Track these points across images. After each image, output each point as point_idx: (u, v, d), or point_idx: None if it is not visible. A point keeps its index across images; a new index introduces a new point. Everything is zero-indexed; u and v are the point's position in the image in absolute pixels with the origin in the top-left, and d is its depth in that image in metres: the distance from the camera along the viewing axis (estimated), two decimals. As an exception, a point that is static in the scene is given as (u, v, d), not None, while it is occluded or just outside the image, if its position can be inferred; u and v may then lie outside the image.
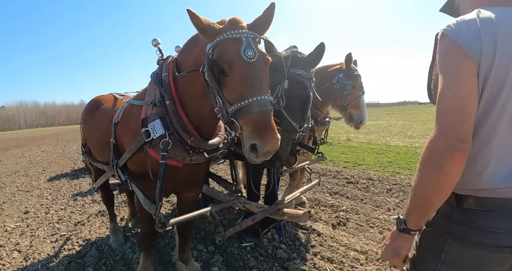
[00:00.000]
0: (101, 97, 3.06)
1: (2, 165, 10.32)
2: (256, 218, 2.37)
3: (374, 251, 2.96)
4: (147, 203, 1.88)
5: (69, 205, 5.04)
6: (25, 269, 3.08)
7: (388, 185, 5.06)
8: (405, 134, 12.17)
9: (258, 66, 1.46)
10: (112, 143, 2.25)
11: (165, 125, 1.80)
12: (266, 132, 1.38)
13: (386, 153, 8.03)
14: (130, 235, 3.56)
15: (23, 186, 6.78)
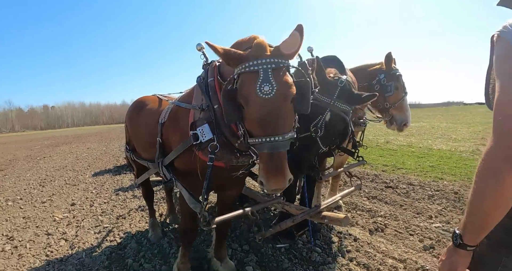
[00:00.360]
0: (146, 98, 3.18)
1: (52, 160, 11.10)
2: (296, 219, 2.36)
3: (414, 260, 2.82)
4: (192, 201, 1.95)
5: (112, 199, 5.32)
6: (70, 257, 3.29)
7: (430, 191, 4.80)
8: (449, 137, 11.48)
9: (275, 103, 1.38)
10: (159, 142, 2.35)
11: (213, 129, 1.84)
12: (273, 175, 1.39)
13: (428, 157, 7.63)
14: (168, 230, 3.68)
15: (70, 180, 7.25)
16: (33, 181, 7.38)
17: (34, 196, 5.93)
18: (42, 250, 3.50)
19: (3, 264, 3.24)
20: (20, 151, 15.63)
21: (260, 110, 1.38)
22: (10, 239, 3.86)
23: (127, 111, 3.32)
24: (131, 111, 3.19)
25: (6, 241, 3.81)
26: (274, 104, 1.38)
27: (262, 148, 1.41)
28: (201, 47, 2.08)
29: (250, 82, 1.39)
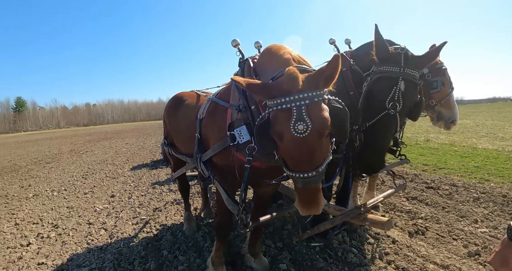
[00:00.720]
0: (184, 93, 3.24)
1: (94, 154, 11.70)
2: (335, 221, 2.27)
3: (457, 267, 2.63)
4: (230, 203, 1.96)
5: (149, 192, 5.50)
6: (109, 245, 3.44)
7: (475, 193, 4.48)
8: (495, 136, 10.68)
9: (310, 141, 1.31)
10: (197, 137, 2.36)
11: (251, 131, 1.80)
12: (306, 206, 1.42)
13: (472, 157, 7.15)
14: (202, 225, 3.72)
15: (110, 173, 7.59)
16: (76, 174, 7.81)
17: (77, 188, 6.28)
18: (83, 238, 3.68)
19: (48, 249, 3.44)
20: (65, 145, 16.65)
21: (294, 149, 1.34)
22: (55, 226, 4.11)
23: (166, 106, 3.39)
24: (170, 107, 3.26)
25: (51, 228, 4.06)
26: (309, 142, 1.31)
27: (296, 182, 1.41)
28: (236, 43, 2.01)
29: (283, 120, 1.32)
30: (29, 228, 4.13)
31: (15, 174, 8.42)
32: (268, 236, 3.28)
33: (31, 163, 10.37)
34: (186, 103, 2.95)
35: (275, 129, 1.36)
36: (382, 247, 3.01)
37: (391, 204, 4.15)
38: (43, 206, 5.14)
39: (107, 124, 67.90)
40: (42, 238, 3.76)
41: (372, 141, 2.10)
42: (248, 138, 1.81)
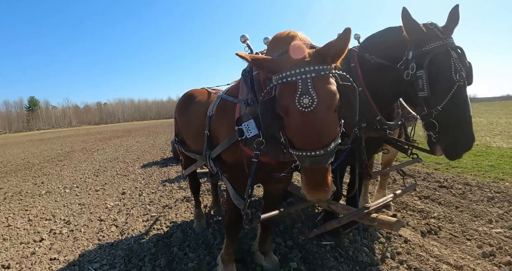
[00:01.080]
0: (194, 91, 3.24)
1: (105, 152, 11.85)
2: (342, 220, 2.24)
3: (471, 268, 2.57)
4: (237, 197, 1.93)
5: (159, 190, 5.54)
6: (120, 242, 3.47)
7: (489, 192, 4.38)
8: (509, 134, 10.44)
9: (316, 115, 1.25)
10: (207, 134, 2.36)
11: (259, 125, 1.76)
12: (314, 189, 1.34)
13: (486, 155, 7.01)
14: (212, 222, 3.73)
15: (121, 171, 7.68)
16: (88, 171, 7.92)
17: (89, 185, 6.37)
18: (95, 234, 3.72)
19: (60, 245, 3.49)
20: (76, 144, 16.92)
21: (300, 124, 1.27)
22: (67, 223, 4.17)
23: (177, 104, 3.41)
24: (181, 104, 3.27)
25: (64, 224, 4.12)
26: (316, 117, 1.25)
27: (302, 161, 1.33)
28: (245, 39, 1.99)
29: (288, 94, 1.27)
30: (42, 224, 4.20)
31: (29, 172, 8.58)
32: (278, 234, 3.26)
33: (44, 161, 10.56)
34: (196, 101, 2.95)
35: (281, 104, 1.30)
36: (394, 246, 2.96)
37: (403, 203, 4.08)
38: (55, 202, 5.22)
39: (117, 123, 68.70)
40: (54, 234, 3.82)
41: (456, 118, 1.92)
42: (256, 132, 1.78)
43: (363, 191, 3.73)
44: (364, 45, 2.43)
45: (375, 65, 2.23)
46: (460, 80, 1.83)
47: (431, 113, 1.93)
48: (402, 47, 2.04)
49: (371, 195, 4.25)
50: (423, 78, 1.88)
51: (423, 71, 1.87)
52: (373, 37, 2.39)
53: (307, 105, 1.22)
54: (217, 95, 2.44)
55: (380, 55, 2.19)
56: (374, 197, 4.07)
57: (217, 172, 2.20)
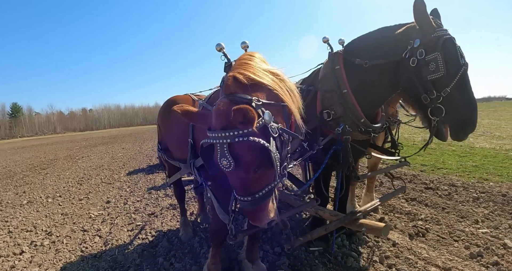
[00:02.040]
0: (177, 97, 3.17)
1: (90, 159, 11.60)
2: (329, 227, 2.21)
3: (460, 269, 2.58)
4: (221, 212, 1.91)
5: (144, 198, 5.42)
6: (104, 253, 3.36)
7: (474, 193, 4.44)
8: (492, 135, 10.70)
9: (238, 174, 1.35)
10: (190, 143, 2.30)
11: None
12: (255, 221, 1.45)
13: (470, 156, 7.14)
14: (199, 230, 3.65)
15: (106, 179, 7.51)
16: (72, 179, 7.72)
17: (72, 194, 6.19)
18: (77, 245, 3.60)
19: (41, 258, 3.37)
20: (60, 151, 16.53)
21: (229, 177, 1.40)
22: (48, 234, 4.03)
23: (159, 111, 3.33)
24: (163, 112, 3.20)
25: (45, 236, 3.98)
26: (237, 175, 1.36)
27: (241, 204, 1.42)
28: (220, 48, 1.90)
29: (212, 152, 1.38)
30: (23, 236, 4.05)
31: (10, 181, 8.31)
32: (266, 241, 3.21)
33: (26, 169, 10.26)
34: None
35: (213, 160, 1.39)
36: (383, 250, 2.95)
37: (390, 205, 4.10)
38: (37, 213, 5.05)
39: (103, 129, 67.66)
40: (35, 246, 3.68)
41: (463, 99, 1.97)
42: None
43: (350, 195, 3.71)
44: (352, 48, 2.44)
45: (364, 68, 2.25)
46: (465, 64, 1.93)
47: (439, 96, 1.98)
48: (401, 42, 2.09)
49: (358, 199, 4.25)
50: (438, 59, 1.92)
51: (438, 52, 1.92)
52: (362, 39, 2.41)
53: (227, 166, 1.31)
54: (199, 102, 2.40)
55: (373, 56, 2.22)
56: (362, 201, 4.07)
57: (201, 182, 2.15)
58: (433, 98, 2.00)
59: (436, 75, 1.95)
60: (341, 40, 2.61)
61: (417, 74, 2.03)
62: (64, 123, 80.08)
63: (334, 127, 2.36)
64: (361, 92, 2.31)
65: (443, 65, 1.92)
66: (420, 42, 1.98)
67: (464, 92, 1.96)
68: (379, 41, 2.25)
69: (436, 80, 1.97)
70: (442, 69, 1.93)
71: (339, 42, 2.63)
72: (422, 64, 1.98)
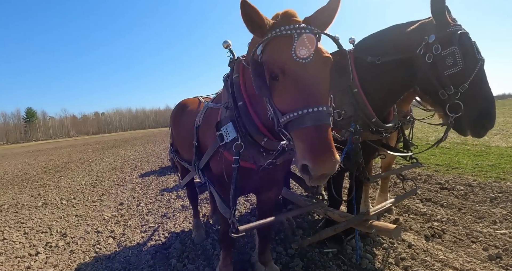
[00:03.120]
0: (187, 100, 3.24)
1: (103, 162, 11.75)
2: (339, 228, 2.19)
3: (478, 271, 2.51)
4: (223, 207, 1.90)
5: (157, 199, 5.45)
6: (117, 254, 3.38)
7: (492, 193, 4.33)
8: (508, 133, 10.42)
9: (314, 69, 1.22)
10: (195, 145, 2.33)
11: (237, 128, 1.75)
12: (321, 153, 1.14)
13: (486, 155, 6.96)
14: (211, 232, 3.65)
15: (118, 181, 7.59)
16: (85, 182, 7.83)
17: (86, 196, 6.27)
18: (91, 247, 3.64)
19: (56, 259, 3.41)
20: (74, 154, 16.79)
21: (299, 76, 1.22)
22: (63, 235, 4.08)
23: (171, 113, 3.42)
24: (174, 114, 3.27)
25: (60, 237, 4.03)
26: (314, 70, 1.23)
27: (303, 122, 1.18)
28: (227, 45, 1.98)
29: (283, 48, 1.25)
30: (38, 237, 4.11)
31: (25, 183, 8.47)
32: (279, 243, 3.18)
33: (41, 172, 10.45)
34: (188, 111, 2.94)
35: (275, 58, 1.27)
36: (398, 252, 2.89)
37: (405, 206, 4.02)
38: (52, 214, 5.13)
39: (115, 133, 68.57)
40: (50, 247, 3.73)
41: (482, 94, 1.95)
42: (234, 135, 1.75)
43: (364, 196, 3.66)
44: (363, 46, 2.42)
45: (377, 66, 2.23)
46: (481, 58, 1.91)
47: (457, 92, 1.94)
48: (415, 38, 2.07)
49: (372, 200, 4.18)
50: (456, 53, 1.89)
51: (456, 46, 1.89)
52: (373, 37, 2.40)
53: (305, 56, 1.21)
54: (204, 104, 2.41)
55: (386, 53, 2.20)
56: (376, 201, 4.01)
57: (205, 182, 2.16)
58: (451, 94, 1.96)
59: (454, 69, 1.91)
60: (352, 39, 2.59)
61: (434, 69, 1.98)
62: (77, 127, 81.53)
63: (345, 127, 2.34)
64: (372, 91, 2.29)
65: (461, 59, 1.88)
66: (435, 38, 1.95)
67: (482, 88, 1.93)
68: (392, 38, 2.23)
69: (453, 75, 1.93)
70: (460, 64, 1.89)
71: (350, 41, 2.61)
72: (439, 59, 1.94)
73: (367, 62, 2.28)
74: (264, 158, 1.80)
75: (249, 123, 1.73)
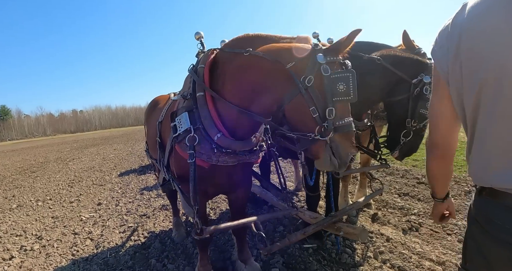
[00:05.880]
0: (160, 97, 3.18)
1: (81, 161, 11.44)
2: (308, 231, 2.20)
3: (453, 263, 2.58)
4: (186, 206, 1.82)
5: (136, 199, 5.35)
6: (95, 256, 3.30)
7: (466, 186, 4.47)
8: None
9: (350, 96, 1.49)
10: (158, 141, 2.26)
11: (192, 119, 1.70)
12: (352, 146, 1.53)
13: (461, 150, 7.14)
14: (192, 230, 3.60)
15: (97, 180, 7.41)
16: (62, 182, 7.60)
17: (63, 196, 6.09)
18: (68, 249, 3.53)
19: (32, 263, 3.30)
20: (51, 153, 16.27)
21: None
22: (38, 238, 3.95)
23: (145, 111, 3.33)
24: (147, 111, 3.23)
25: (35, 240, 3.90)
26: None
27: (344, 128, 1.48)
28: (199, 36, 2.01)
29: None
30: (12, 241, 3.96)
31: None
32: (260, 240, 3.18)
33: (16, 173, 10.07)
34: (158, 107, 2.87)
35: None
36: (377, 245, 2.95)
37: (383, 201, 4.11)
38: (27, 217, 4.95)
39: (95, 131, 66.84)
40: (25, 251, 3.60)
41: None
42: (187, 125, 1.70)
43: (343, 191, 3.71)
44: None
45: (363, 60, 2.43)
46: None
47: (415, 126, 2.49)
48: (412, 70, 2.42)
49: (351, 195, 4.25)
50: None
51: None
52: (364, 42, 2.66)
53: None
54: (171, 99, 2.35)
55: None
56: (355, 197, 4.07)
57: (169, 179, 2.08)
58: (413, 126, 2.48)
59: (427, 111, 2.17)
60: (330, 39, 2.60)
61: (414, 103, 2.40)
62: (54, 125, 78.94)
63: None
64: None
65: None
66: (429, 81, 2.24)
67: None
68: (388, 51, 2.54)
69: (423, 115, 2.40)
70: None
71: (328, 41, 2.62)
72: (422, 99, 2.32)
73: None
74: (216, 156, 1.74)
75: (204, 116, 1.69)
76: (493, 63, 0.82)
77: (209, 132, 1.69)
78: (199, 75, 1.76)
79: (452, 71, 0.95)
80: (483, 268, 1.01)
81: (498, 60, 0.81)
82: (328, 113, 1.42)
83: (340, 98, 1.42)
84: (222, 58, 1.77)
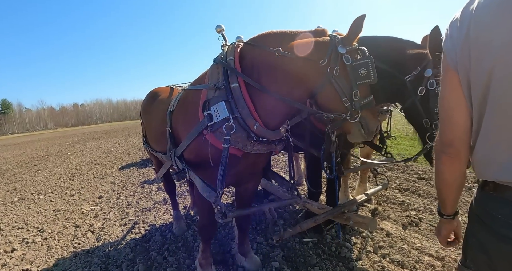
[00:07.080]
0: (159, 89, 3.14)
1: (82, 155, 11.46)
2: (318, 219, 2.22)
3: (453, 258, 2.59)
4: (207, 190, 1.83)
5: (137, 192, 5.38)
6: (96, 249, 3.32)
7: (467, 182, 4.47)
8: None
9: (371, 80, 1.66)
10: (168, 131, 2.25)
11: (229, 108, 1.73)
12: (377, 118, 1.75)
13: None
14: (192, 223, 3.63)
15: (98, 174, 7.43)
16: (64, 175, 7.62)
17: (64, 190, 6.12)
18: (70, 242, 3.56)
19: (33, 255, 3.32)
20: (52, 147, 16.29)
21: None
22: (40, 231, 3.97)
23: (142, 103, 3.31)
24: (145, 103, 3.17)
25: (37, 233, 3.92)
26: None
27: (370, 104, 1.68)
28: (220, 29, 2.02)
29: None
30: (14, 233, 3.98)
31: (1, 178, 8.17)
32: (260, 233, 3.20)
33: (17, 166, 10.10)
34: (159, 99, 2.85)
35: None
36: (376, 240, 2.96)
37: (383, 196, 4.11)
38: (28, 210, 4.98)
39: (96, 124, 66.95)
40: (27, 244, 3.63)
41: None
42: (226, 115, 1.72)
43: (343, 186, 3.72)
44: None
45: None
46: None
47: None
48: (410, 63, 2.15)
49: (352, 190, 4.26)
50: None
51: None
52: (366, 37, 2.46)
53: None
54: (180, 90, 2.38)
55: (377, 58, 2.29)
56: (355, 192, 4.08)
57: (183, 168, 2.06)
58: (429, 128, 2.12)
59: None
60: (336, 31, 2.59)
61: (424, 103, 2.10)
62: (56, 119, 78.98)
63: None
64: None
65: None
66: (432, 73, 2.01)
67: None
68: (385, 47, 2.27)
69: None
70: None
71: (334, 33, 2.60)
72: (432, 95, 2.03)
73: None
74: (251, 145, 1.80)
75: (242, 106, 1.73)
76: (500, 51, 0.81)
77: (247, 122, 1.74)
78: (230, 68, 1.80)
79: (461, 59, 0.93)
80: (484, 264, 1.00)
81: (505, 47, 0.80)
82: (354, 96, 1.61)
83: (362, 81, 1.59)
84: (252, 53, 1.82)
